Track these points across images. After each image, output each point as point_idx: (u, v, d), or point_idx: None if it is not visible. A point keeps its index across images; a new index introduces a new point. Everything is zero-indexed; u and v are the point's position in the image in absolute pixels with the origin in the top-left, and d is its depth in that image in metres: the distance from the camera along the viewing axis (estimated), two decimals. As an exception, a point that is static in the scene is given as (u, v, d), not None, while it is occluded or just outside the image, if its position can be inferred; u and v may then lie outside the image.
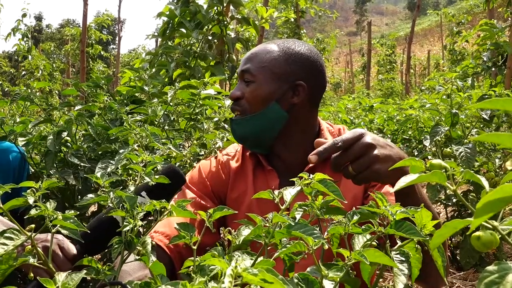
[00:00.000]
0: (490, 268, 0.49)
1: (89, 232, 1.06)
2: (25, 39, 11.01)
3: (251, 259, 0.82)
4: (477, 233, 0.58)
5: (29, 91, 2.16)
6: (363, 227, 0.87)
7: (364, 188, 1.49)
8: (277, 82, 1.48)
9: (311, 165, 1.48)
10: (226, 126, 2.13)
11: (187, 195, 1.51)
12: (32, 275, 0.94)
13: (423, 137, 2.87)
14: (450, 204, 3.08)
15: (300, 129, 1.53)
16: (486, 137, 0.49)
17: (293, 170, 1.45)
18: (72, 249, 1.15)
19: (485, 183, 0.62)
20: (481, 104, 0.50)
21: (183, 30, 4.17)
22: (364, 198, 1.48)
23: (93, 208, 2.68)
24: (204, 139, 1.87)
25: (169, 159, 1.75)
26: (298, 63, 1.50)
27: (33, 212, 0.88)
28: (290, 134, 1.52)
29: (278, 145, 1.52)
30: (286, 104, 1.49)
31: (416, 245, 0.86)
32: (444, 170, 0.67)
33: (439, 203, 3.30)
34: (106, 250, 1.49)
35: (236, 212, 1.01)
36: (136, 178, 1.13)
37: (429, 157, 3.01)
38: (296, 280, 0.77)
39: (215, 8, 4.16)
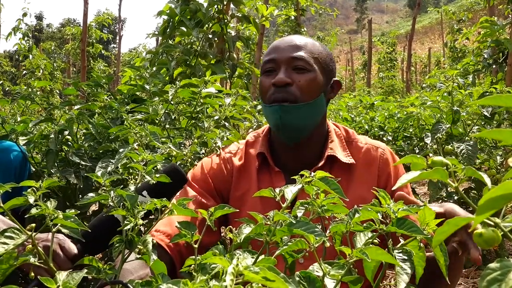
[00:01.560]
0: (493, 265, 0.49)
1: (89, 231, 1.06)
2: (25, 38, 11.00)
3: (252, 257, 0.81)
4: (479, 230, 0.57)
5: (30, 90, 2.15)
6: (364, 224, 0.87)
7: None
8: (324, 76, 1.52)
9: (319, 165, 1.49)
10: (226, 124, 2.12)
11: (189, 193, 1.50)
12: (33, 274, 0.93)
13: (424, 135, 2.87)
14: (451, 201, 3.08)
15: (323, 126, 1.57)
16: (488, 133, 0.49)
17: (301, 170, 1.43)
18: (73, 248, 1.15)
19: (487, 180, 0.62)
20: (483, 100, 0.50)
21: (184, 29, 4.16)
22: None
23: (94, 207, 2.68)
24: (205, 137, 1.87)
25: (169, 158, 1.75)
26: (333, 61, 1.58)
27: (33, 211, 0.88)
28: (317, 129, 1.55)
29: (305, 139, 1.53)
30: (326, 99, 1.55)
31: (420, 243, 0.86)
32: (445, 167, 0.67)
33: (440, 201, 3.29)
34: (107, 249, 1.49)
35: (238, 210, 1.01)
36: (137, 177, 1.12)
37: (430, 154, 3.00)
38: (297, 278, 0.77)
39: (215, 6, 4.15)
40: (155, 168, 1.21)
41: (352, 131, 1.64)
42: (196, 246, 0.87)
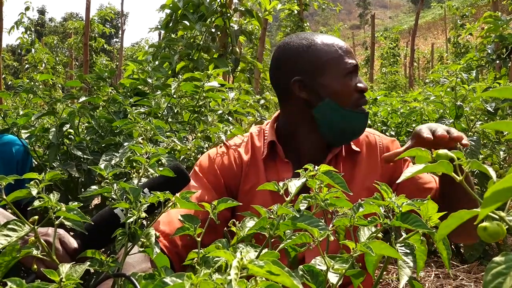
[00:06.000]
0: (497, 259, 0.48)
1: (91, 227, 1.06)
2: (28, 32, 11.00)
3: (256, 251, 0.81)
4: (483, 224, 0.57)
5: (32, 83, 2.15)
6: (368, 219, 0.87)
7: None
8: None
9: (329, 158, 1.49)
10: (230, 118, 2.12)
11: (196, 183, 1.47)
12: (35, 266, 0.93)
13: (427, 130, 2.85)
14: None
15: None
16: (494, 125, 0.49)
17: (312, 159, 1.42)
18: (73, 243, 1.14)
19: (492, 173, 0.62)
20: (489, 92, 0.49)
21: (186, 23, 4.14)
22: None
23: (96, 201, 2.68)
24: (208, 132, 1.86)
25: (173, 152, 1.74)
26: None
27: (36, 203, 0.87)
28: None
29: None
30: None
31: (422, 237, 0.86)
32: (450, 160, 0.67)
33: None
34: (108, 246, 1.48)
35: (241, 204, 1.00)
36: (140, 170, 1.12)
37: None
38: (301, 272, 0.77)
39: (218, 0, 4.14)
40: (159, 161, 1.21)
41: None
42: (199, 239, 0.87)
